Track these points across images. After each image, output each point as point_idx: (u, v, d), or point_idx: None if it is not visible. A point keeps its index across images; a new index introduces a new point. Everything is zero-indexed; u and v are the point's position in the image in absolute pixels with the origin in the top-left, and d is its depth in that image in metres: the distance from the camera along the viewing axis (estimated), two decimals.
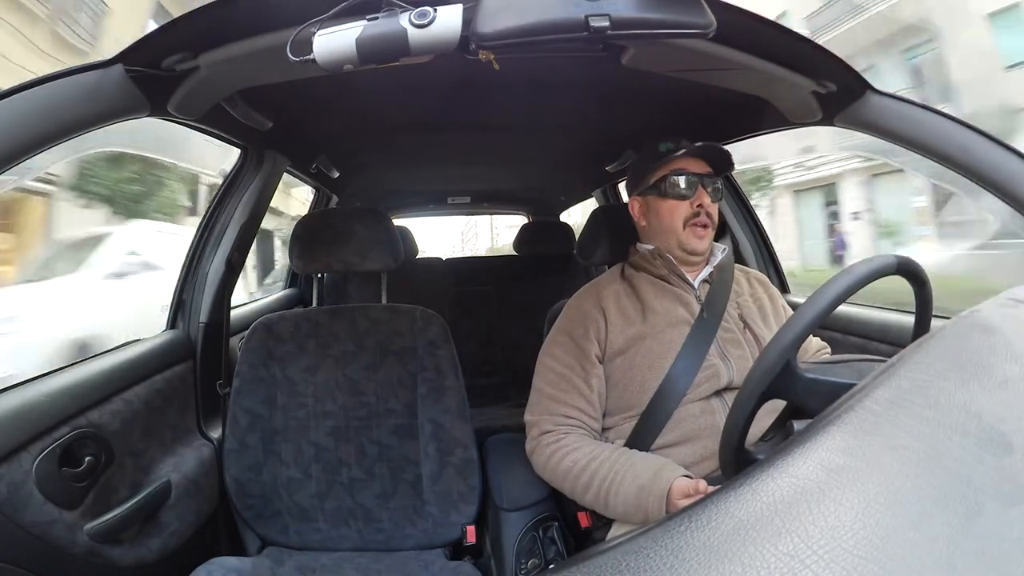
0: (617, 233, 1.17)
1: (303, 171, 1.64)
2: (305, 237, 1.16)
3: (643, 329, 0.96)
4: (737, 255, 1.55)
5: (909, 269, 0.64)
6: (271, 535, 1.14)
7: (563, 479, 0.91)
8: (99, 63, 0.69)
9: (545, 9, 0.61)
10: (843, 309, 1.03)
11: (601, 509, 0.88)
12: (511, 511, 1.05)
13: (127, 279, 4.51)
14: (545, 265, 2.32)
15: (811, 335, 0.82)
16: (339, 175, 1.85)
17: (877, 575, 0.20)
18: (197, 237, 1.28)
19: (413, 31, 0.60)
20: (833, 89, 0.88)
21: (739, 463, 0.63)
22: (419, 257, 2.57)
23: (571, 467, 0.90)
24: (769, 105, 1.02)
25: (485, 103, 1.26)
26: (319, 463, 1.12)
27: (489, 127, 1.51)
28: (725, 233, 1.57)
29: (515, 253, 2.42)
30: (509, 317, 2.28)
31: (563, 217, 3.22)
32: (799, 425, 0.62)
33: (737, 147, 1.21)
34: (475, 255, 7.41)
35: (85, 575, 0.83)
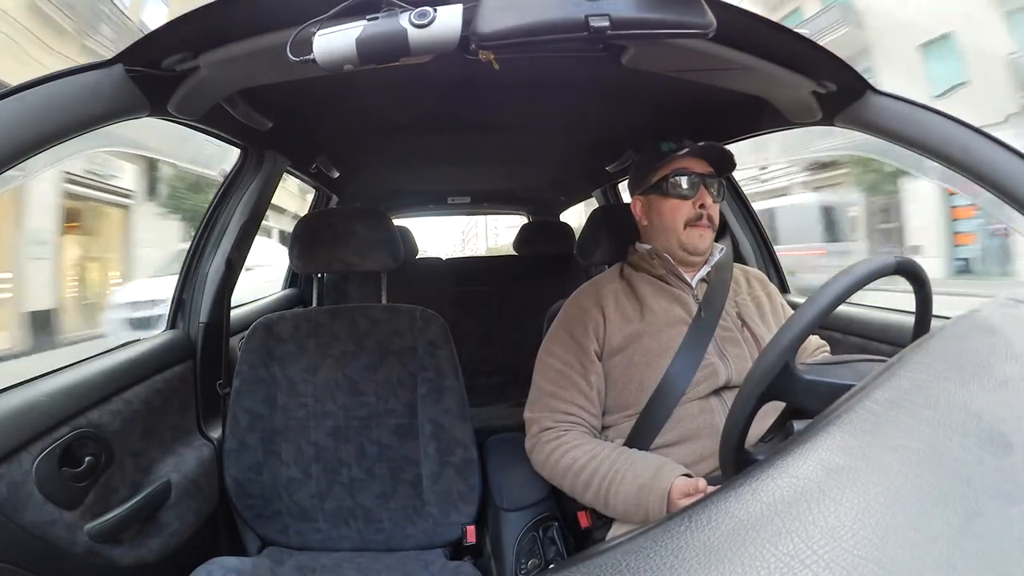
0: (617, 233, 1.17)
1: (303, 171, 1.64)
2: (305, 237, 1.16)
3: (641, 327, 0.96)
4: (737, 255, 1.55)
5: (908, 269, 0.64)
6: (271, 535, 1.14)
7: (563, 476, 0.92)
8: (99, 63, 0.69)
9: (545, 9, 0.61)
10: (843, 309, 1.03)
11: (601, 507, 0.88)
12: (511, 511, 1.05)
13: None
14: (545, 265, 2.32)
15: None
16: (339, 175, 1.85)
17: (877, 575, 0.20)
18: (197, 237, 1.28)
19: (413, 31, 0.60)
20: (833, 89, 0.88)
21: (739, 463, 0.63)
22: (419, 257, 2.57)
23: (571, 464, 0.90)
24: (769, 105, 1.02)
25: (485, 103, 1.26)
26: (319, 463, 1.12)
27: (489, 127, 1.51)
28: (725, 233, 1.57)
29: (515, 253, 2.43)
30: (509, 317, 2.28)
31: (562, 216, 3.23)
32: (799, 425, 0.61)
33: None
34: (475, 255, 7.42)
35: (85, 575, 0.83)
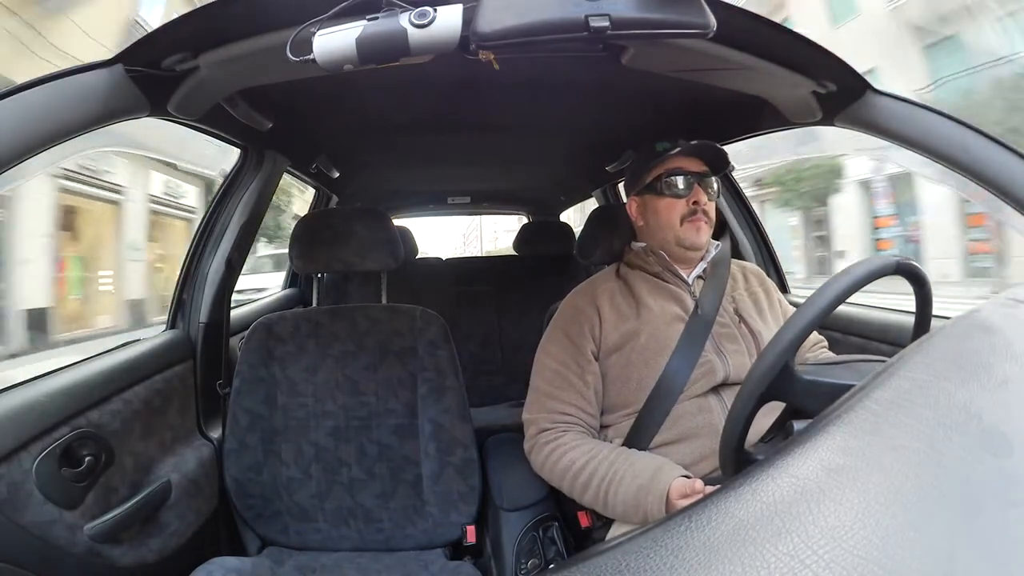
0: (617, 233, 1.17)
1: (303, 171, 1.64)
2: (305, 237, 1.16)
3: (637, 325, 0.96)
4: (736, 254, 1.55)
5: (908, 269, 0.64)
6: (271, 535, 1.14)
7: (561, 478, 0.91)
8: (99, 63, 0.69)
9: (545, 9, 0.61)
10: (843, 309, 1.03)
11: (600, 508, 0.88)
12: (511, 511, 1.05)
13: None
14: (545, 265, 2.32)
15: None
16: (339, 175, 1.85)
17: (877, 575, 0.20)
18: (197, 237, 1.28)
19: (413, 31, 0.60)
20: (833, 89, 0.88)
21: (739, 464, 0.63)
22: (419, 257, 2.57)
23: (569, 466, 0.90)
24: (769, 105, 1.02)
25: (485, 103, 1.26)
26: (319, 463, 1.12)
27: (489, 127, 1.51)
28: (725, 232, 1.57)
29: (515, 253, 2.43)
30: (509, 317, 2.28)
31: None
32: (799, 425, 0.61)
33: None
34: (475, 255, 7.43)
35: (85, 575, 0.83)
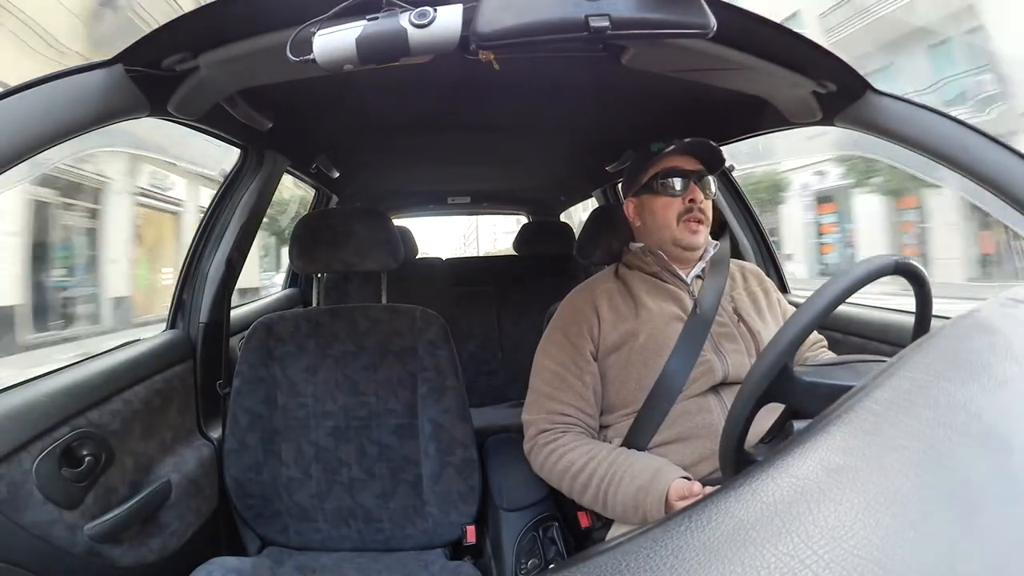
0: (617, 233, 1.17)
1: (303, 171, 1.64)
2: (305, 237, 1.16)
3: (636, 325, 0.96)
4: (736, 254, 1.55)
5: (908, 269, 0.63)
6: (271, 535, 1.14)
7: (560, 478, 0.91)
8: (99, 63, 0.69)
9: (545, 9, 0.61)
10: (843, 309, 1.03)
11: (600, 509, 0.88)
12: (511, 511, 1.05)
13: None
14: (545, 265, 2.32)
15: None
16: (339, 175, 1.85)
17: (877, 575, 0.20)
18: (197, 237, 1.28)
19: (413, 31, 0.60)
20: (833, 89, 0.88)
21: (739, 464, 0.63)
22: (419, 257, 2.57)
23: (568, 467, 0.90)
24: (769, 105, 1.02)
25: (485, 103, 1.26)
26: (319, 463, 1.12)
27: (489, 127, 1.51)
28: (725, 232, 1.57)
29: (515, 253, 2.43)
30: (509, 317, 2.28)
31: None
32: (799, 425, 0.61)
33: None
34: (475, 255, 7.45)
35: (85, 575, 0.83)
